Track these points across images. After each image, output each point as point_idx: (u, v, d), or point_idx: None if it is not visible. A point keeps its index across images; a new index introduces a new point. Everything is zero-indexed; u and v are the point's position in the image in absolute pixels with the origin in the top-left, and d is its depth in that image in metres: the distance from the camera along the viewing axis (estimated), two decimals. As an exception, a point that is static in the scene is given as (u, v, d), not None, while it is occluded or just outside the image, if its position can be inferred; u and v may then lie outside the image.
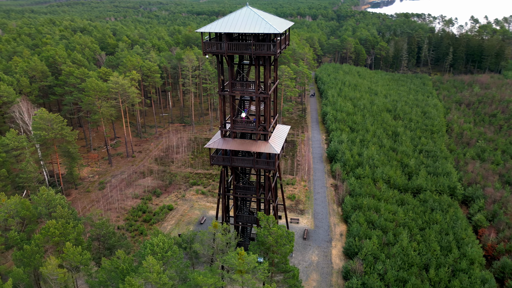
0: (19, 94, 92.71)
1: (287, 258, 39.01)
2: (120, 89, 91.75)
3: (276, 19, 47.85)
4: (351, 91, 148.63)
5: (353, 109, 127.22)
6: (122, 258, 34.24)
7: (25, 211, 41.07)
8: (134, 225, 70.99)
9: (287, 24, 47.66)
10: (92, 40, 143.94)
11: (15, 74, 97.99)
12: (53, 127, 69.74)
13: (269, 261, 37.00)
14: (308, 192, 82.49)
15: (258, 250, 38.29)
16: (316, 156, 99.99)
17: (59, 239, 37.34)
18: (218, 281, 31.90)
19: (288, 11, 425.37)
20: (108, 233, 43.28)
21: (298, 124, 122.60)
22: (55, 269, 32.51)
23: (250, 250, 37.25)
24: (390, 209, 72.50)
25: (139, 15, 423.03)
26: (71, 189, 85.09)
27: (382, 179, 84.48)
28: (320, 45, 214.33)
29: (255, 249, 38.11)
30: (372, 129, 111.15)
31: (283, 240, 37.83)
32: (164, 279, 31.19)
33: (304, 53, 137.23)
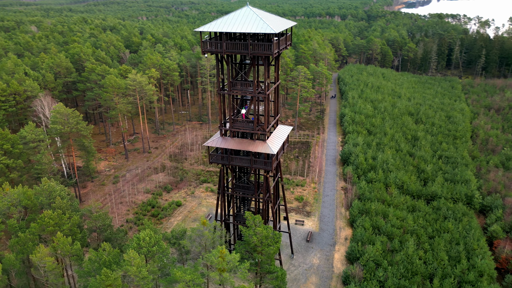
0: (43, 89, 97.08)
1: (273, 259, 38.85)
2: (137, 86, 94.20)
3: (276, 19, 47.61)
4: (373, 93, 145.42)
5: (373, 112, 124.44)
6: (107, 250, 35.41)
7: (27, 200, 43.27)
8: (142, 219, 72.80)
9: (286, 24, 47.26)
10: (117, 38, 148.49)
11: (41, 70, 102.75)
12: (69, 121, 72.63)
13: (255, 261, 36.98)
14: (317, 194, 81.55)
15: (243, 249, 38.36)
16: (330, 158, 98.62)
17: (53, 229, 39.08)
18: (196, 278, 32.26)
19: (317, 11, 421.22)
20: (104, 225, 44.83)
21: (315, 126, 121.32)
22: (44, 257, 34.14)
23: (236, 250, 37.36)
24: (399, 215, 70.49)
25: (170, 15, 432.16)
26: (87, 181, 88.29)
27: (395, 184, 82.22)
28: (346, 45, 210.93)
29: (240, 249, 38.19)
30: (390, 132, 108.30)
31: (268, 240, 37.64)
32: (144, 273, 31.93)
33: (325, 53, 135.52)
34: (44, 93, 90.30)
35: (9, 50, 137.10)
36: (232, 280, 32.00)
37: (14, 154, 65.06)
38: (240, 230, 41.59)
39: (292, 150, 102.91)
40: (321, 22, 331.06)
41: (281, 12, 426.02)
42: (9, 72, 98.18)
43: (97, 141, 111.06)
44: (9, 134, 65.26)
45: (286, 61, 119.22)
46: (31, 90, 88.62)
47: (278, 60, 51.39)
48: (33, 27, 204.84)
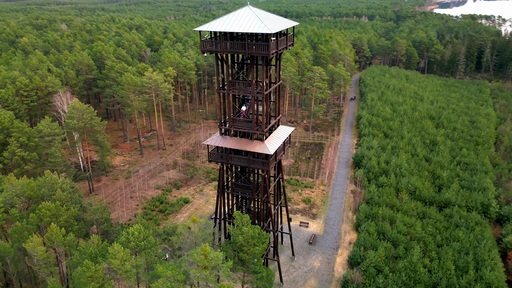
0: (64, 85, 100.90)
1: (260, 259, 38.72)
2: (153, 84, 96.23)
3: (276, 19, 47.42)
4: (394, 95, 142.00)
5: (392, 115, 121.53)
6: (96, 242, 36.54)
7: (30, 191, 45.30)
8: (149, 214, 74.40)
9: (286, 24, 46.94)
10: (140, 37, 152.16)
11: (63, 67, 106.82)
12: (84, 117, 75.16)
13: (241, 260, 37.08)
14: (325, 196, 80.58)
15: (230, 249, 38.45)
16: (342, 160, 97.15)
17: (49, 219, 40.70)
18: (178, 274, 32.72)
19: (344, 11, 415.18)
20: (102, 218, 46.24)
21: (331, 127, 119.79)
22: (36, 246, 35.67)
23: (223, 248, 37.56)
24: (406, 221, 68.58)
25: (198, 14, 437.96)
26: (102, 175, 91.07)
27: (407, 190, 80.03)
28: (370, 46, 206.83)
29: (227, 248, 38.31)
30: (408, 136, 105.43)
31: (254, 240, 37.56)
32: (127, 267, 32.72)
33: (345, 54, 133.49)
34: (65, 89, 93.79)
35: (37, 47, 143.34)
36: (213, 278, 32.24)
37: (29, 147, 68.06)
38: (228, 229, 41.82)
39: (304, 151, 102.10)
40: (347, 23, 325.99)
41: (307, 12, 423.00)
42: (34, 68, 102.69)
43: (114, 136, 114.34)
44: (26, 128, 68.34)
45: (304, 61, 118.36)
46: (52, 86, 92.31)
47: (279, 60, 51.22)
48: (63, 26, 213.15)
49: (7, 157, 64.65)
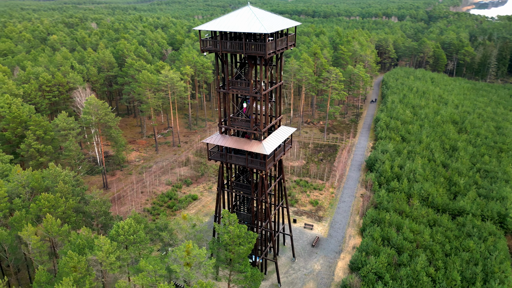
0: (86, 81, 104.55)
1: (246, 259, 38.74)
2: (169, 82, 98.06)
3: (276, 19, 47.21)
4: (416, 98, 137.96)
5: (411, 118, 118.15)
6: (86, 234, 37.77)
7: (34, 182, 47.43)
8: (157, 210, 75.95)
9: (285, 24, 46.61)
10: (163, 36, 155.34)
11: (86, 64, 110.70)
12: (98, 112, 77.66)
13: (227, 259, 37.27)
14: (333, 199, 79.46)
15: (216, 247, 38.68)
16: (355, 163, 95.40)
17: (48, 210, 42.47)
18: (160, 269, 33.33)
19: (373, 11, 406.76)
20: (99, 211, 47.74)
21: (347, 129, 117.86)
22: (30, 235, 37.36)
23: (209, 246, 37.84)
24: (414, 228, 66.54)
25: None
26: (116, 170, 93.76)
27: (420, 196, 77.62)
28: (396, 47, 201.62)
29: (213, 246, 38.57)
30: (426, 141, 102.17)
31: (240, 240, 37.59)
32: (111, 259, 33.64)
33: (365, 55, 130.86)
34: (85, 86, 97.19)
35: (65, 44, 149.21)
36: (193, 274, 32.61)
37: (46, 140, 71.08)
38: (214, 227, 42.09)
39: (317, 153, 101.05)
40: (375, 23, 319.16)
41: (335, 12, 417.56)
42: (57, 65, 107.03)
43: (133, 132, 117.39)
44: (43, 121, 71.41)
45: (322, 62, 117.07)
46: (74, 82, 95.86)
47: (281, 60, 51.02)
48: (93, 24, 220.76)
49: (23, 149, 67.81)
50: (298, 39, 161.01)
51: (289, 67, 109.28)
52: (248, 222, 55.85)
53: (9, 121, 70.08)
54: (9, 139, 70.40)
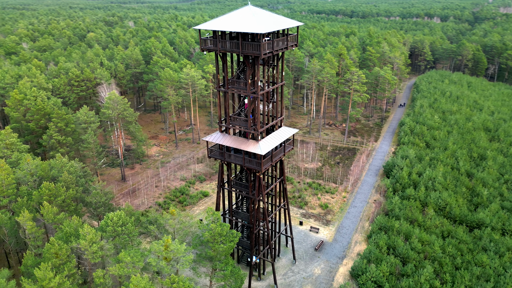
0: (113, 77, 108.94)
1: (228, 257, 38.82)
2: (190, 80, 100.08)
3: (276, 19, 46.89)
4: (448, 103, 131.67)
5: (440, 124, 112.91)
6: (76, 223, 39.56)
7: (41, 172, 50.28)
8: (168, 204, 77.89)
9: (283, 25, 46.13)
10: (192, 35, 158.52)
11: (115, 61, 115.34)
12: (118, 107, 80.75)
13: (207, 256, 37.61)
14: (344, 204, 77.75)
15: (198, 243, 39.12)
16: (373, 168, 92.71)
17: (48, 198, 44.88)
18: (137, 261, 34.27)
19: (415, 11, 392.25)
20: (98, 202, 49.74)
21: (370, 133, 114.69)
22: (26, 221, 39.70)
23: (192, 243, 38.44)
24: (424, 238, 63.71)
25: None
26: (136, 163, 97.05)
27: (436, 205, 74.18)
28: (433, 50, 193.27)
29: (195, 242, 39.05)
30: (452, 148, 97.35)
31: (221, 238, 37.74)
32: (94, 248, 35.04)
33: (394, 57, 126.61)
34: (111, 81, 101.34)
35: (101, 42, 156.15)
36: (167, 269, 33.23)
37: (66, 132, 74.92)
38: (197, 224, 42.44)
39: (334, 156, 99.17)
40: (415, 24, 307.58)
41: (374, 12, 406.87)
42: (88, 61, 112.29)
43: (156, 128, 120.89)
44: (65, 114, 75.28)
45: (347, 63, 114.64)
46: (100, 77, 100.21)
47: (282, 60, 50.74)
48: (130, 23, 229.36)
49: (45, 139, 71.91)
50: (326, 40, 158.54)
51: (311, 68, 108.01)
52: (247, 221, 56.02)
53: (33, 113, 74.55)
54: (33, 130, 74.92)
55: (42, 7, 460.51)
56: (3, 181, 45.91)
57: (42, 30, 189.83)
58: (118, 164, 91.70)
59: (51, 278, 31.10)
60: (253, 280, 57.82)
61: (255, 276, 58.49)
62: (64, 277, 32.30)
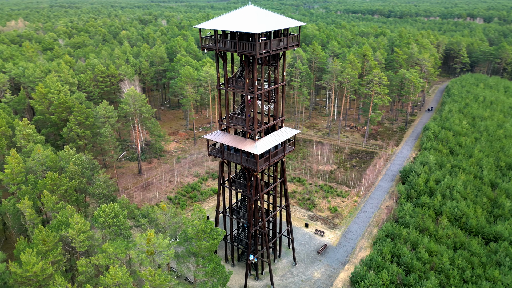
0: (137, 74, 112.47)
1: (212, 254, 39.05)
2: (209, 78, 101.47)
3: (275, 19, 46.56)
4: (480, 108, 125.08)
5: (468, 130, 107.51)
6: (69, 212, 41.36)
7: (50, 162, 52.92)
8: (179, 199, 79.52)
9: (280, 25, 45.69)
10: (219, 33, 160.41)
11: (140, 58, 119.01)
12: (135, 103, 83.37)
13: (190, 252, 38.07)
14: (354, 208, 76.00)
15: (184, 239, 39.63)
16: (390, 173, 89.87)
17: (51, 188, 47.18)
18: (119, 253, 35.31)
19: (457, 11, 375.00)
20: (100, 194, 51.64)
21: (392, 137, 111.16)
22: (26, 208, 42.01)
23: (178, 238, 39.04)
24: (433, 248, 61.06)
25: (296, 13, 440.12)
26: (154, 158, 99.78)
27: (452, 215, 70.86)
28: (470, 52, 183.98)
29: (181, 237, 39.61)
30: (478, 156, 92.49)
31: (204, 235, 38.05)
32: (81, 237, 36.48)
33: (423, 59, 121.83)
34: (134, 78, 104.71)
35: (132, 39, 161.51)
36: (147, 262, 34.03)
37: (85, 125, 78.33)
38: (183, 220, 42.84)
39: (351, 159, 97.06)
40: (455, 24, 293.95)
41: (413, 12, 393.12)
42: (115, 58, 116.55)
43: (178, 124, 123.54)
44: (85, 108, 78.71)
45: (370, 64, 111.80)
46: (125, 74, 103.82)
47: (283, 60, 50.40)
48: (163, 21, 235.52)
49: (65, 132, 75.57)
50: (354, 40, 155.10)
51: (331, 68, 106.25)
52: (243, 218, 56.30)
53: (56, 106, 78.54)
54: (55, 122, 78.93)
55: (87, 5, 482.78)
56: (13, 169, 49.00)
57: (80, 27, 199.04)
58: (134, 158, 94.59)
59: (35, 263, 32.91)
60: (251, 279, 57.93)
61: (253, 276, 58.58)
62: (48, 263, 34.06)
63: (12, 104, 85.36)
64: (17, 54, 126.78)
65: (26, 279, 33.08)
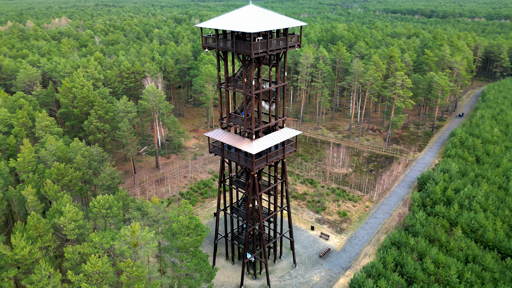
0: (162, 71, 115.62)
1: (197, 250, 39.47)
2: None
3: (275, 19, 46.34)
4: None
5: (499, 137, 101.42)
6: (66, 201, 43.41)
7: (60, 153, 55.77)
8: (191, 194, 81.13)
9: (278, 25, 45.35)
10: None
11: (166, 56, 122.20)
12: (153, 99, 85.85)
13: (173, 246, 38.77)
14: (364, 213, 74.08)
15: (169, 234, 40.36)
16: (408, 180, 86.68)
17: (56, 177, 49.68)
18: (105, 243, 36.63)
19: (505, 12, 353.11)
20: (103, 185, 53.69)
21: (416, 142, 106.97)
22: (29, 195, 44.61)
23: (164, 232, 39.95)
24: (441, 259, 58.34)
25: (333, 12, 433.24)
26: (173, 153, 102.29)
27: (468, 226, 67.34)
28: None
29: (167, 231, 40.38)
30: (506, 165, 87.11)
31: (188, 231, 38.52)
32: (71, 226, 38.22)
33: (454, 61, 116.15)
34: (157, 75, 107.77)
35: (162, 38, 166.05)
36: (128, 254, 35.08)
37: (105, 119, 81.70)
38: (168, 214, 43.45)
39: (369, 163, 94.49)
40: (501, 26, 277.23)
41: (457, 12, 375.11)
42: (142, 55, 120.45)
43: (200, 122, 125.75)
44: (105, 103, 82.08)
45: (397, 66, 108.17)
46: (149, 71, 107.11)
47: (285, 61, 50.11)
48: (196, 20, 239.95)
49: (86, 125, 79.25)
50: (383, 41, 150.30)
51: (354, 70, 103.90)
52: (242, 216, 56.54)
53: (79, 100, 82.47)
54: (77, 115, 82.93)
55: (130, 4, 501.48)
56: (25, 158, 52.23)
57: (117, 25, 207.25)
58: (151, 152, 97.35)
59: (23, 247, 35.02)
60: (249, 278, 58.13)
61: (251, 274, 58.73)
62: (36, 248, 36.13)
63: (41, 97, 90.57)
64: (54, 50, 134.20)
65: (15, 262, 35.35)
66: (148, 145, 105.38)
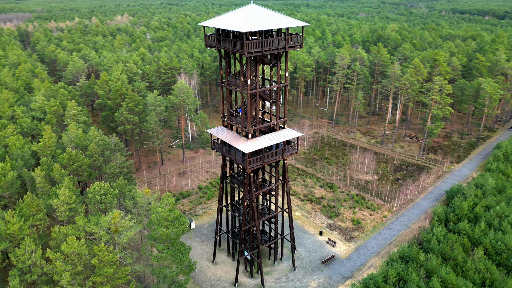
0: (199, 68, 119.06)
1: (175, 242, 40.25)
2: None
3: (275, 19, 45.81)
4: None
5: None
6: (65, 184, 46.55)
7: (78, 140, 59.92)
8: (208, 189, 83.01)
9: (276, 25, 44.67)
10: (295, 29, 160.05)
11: (205, 53, 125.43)
12: (181, 95, 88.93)
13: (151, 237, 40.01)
14: (380, 223, 70.67)
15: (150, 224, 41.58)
16: (436, 192, 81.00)
17: (67, 162, 53.50)
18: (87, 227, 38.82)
19: None
20: (110, 173, 56.61)
21: (456, 152, 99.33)
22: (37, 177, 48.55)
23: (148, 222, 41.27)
24: (451, 280, 54.02)
25: (394, 12, 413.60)
26: (201, 148, 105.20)
27: (492, 248, 61.57)
28: None
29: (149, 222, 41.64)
30: (554, 185, 78.10)
31: (167, 223, 39.39)
32: (63, 208, 41.05)
33: (509, 67, 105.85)
34: (193, 72, 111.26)
35: (200, 36, 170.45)
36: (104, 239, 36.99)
37: (135, 112, 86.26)
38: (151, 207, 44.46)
39: (397, 171, 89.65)
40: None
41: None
42: (182, 52, 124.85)
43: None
44: (136, 96, 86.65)
45: (440, 70, 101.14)
46: (185, 67, 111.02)
47: (286, 61, 49.53)
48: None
49: (117, 116, 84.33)
50: (434, 43, 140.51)
51: (390, 73, 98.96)
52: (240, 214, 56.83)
53: (113, 92, 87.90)
54: (110, 106, 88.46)
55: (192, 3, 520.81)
56: (45, 143, 57.10)
57: (171, 23, 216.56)
58: (178, 146, 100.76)
59: (14, 223, 38.50)
60: (245, 276, 58.33)
61: (248, 273, 58.84)
62: (26, 225, 39.51)
63: (84, 88, 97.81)
64: (107, 45, 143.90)
65: (8, 236, 39.02)
66: (180, 139, 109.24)
